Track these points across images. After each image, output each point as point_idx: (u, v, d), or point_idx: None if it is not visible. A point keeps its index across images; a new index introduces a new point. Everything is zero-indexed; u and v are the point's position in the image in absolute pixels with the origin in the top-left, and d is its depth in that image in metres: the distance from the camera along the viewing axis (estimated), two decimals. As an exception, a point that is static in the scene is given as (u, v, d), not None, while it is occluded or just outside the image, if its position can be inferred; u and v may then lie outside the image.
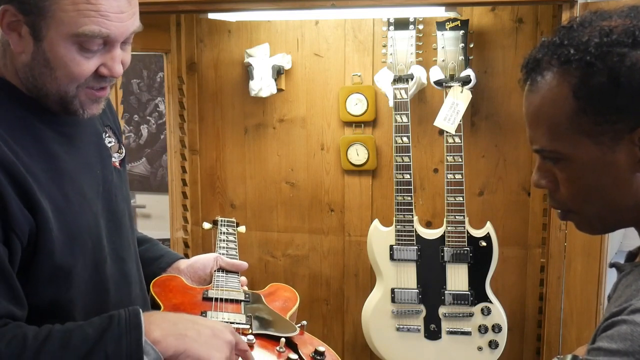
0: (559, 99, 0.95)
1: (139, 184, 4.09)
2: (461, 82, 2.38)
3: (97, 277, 1.27)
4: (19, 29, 1.14)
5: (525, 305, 2.69)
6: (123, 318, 1.10)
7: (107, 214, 1.31)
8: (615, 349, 0.87)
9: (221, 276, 1.58)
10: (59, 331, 1.10)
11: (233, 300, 1.47)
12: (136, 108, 4.04)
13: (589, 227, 1.05)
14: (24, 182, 1.12)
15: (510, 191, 2.64)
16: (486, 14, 2.56)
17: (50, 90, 1.18)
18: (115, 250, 1.33)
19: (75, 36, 1.12)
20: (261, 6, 2.24)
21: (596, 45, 0.92)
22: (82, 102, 1.20)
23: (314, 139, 2.80)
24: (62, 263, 1.18)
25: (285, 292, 1.63)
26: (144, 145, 4.07)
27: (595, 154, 0.95)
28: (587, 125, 0.94)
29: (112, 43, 1.17)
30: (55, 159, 1.21)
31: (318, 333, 2.88)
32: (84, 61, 1.15)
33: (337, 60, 2.72)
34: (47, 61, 1.15)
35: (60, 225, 1.17)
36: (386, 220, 2.57)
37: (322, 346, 1.34)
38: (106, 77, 1.20)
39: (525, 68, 1.01)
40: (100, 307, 1.28)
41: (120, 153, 1.40)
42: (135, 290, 1.40)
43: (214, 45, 2.85)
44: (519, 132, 2.59)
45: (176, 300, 1.44)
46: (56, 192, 1.18)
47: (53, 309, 1.20)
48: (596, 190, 0.98)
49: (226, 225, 2.03)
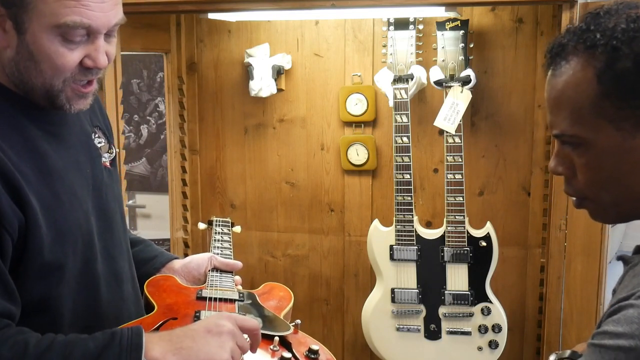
0: (582, 82, 0.95)
1: (139, 184, 4.08)
2: (461, 82, 2.38)
3: (87, 274, 1.27)
4: (3, 24, 1.15)
5: (525, 305, 2.69)
6: (125, 337, 1.11)
7: (97, 213, 1.32)
8: (621, 331, 0.87)
9: (215, 276, 1.58)
10: (60, 342, 1.10)
11: (227, 300, 1.47)
12: (136, 108, 4.03)
13: (604, 215, 1.05)
14: (12, 178, 1.12)
15: (510, 191, 2.65)
16: (486, 14, 2.56)
17: (36, 84, 1.18)
18: (106, 249, 1.33)
19: (57, 27, 1.13)
20: (261, 6, 2.24)
21: (623, 30, 0.93)
22: (69, 97, 1.20)
23: (314, 139, 2.80)
24: (52, 260, 1.18)
25: (279, 291, 1.63)
26: (144, 145, 4.07)
27: (615, 139, 0.95)
28: (609, 110, 0.94)
29: (95, 34, 1.17)
30: (44, 157, 1.21)
31: (318, 333, 2.89)
32: (67, 53, 1.15)
33: (337, 60, 2.73)
34: (31, 54, 1.15)
35: (50, 223, 1.17)
36: (386, 220, 2.58)
37: (316, 345, 1.34)
38: (92, 70, 1.19)
39: (549, 53, 1.02)
40: (90, 304, 1.29)
41: (111, 153, 1.41)
42: (127, 289, 1.40)
43: (214, 45, 2.85)
44: (519, 132, 2.59)
45: (170, 300, 1.44)
46: (45, 190, 1.18)
47: (42, 305, 1.20)
48: (614, 177, 0.98)
49: (221, 225, 2.03)
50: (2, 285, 1.12)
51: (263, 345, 1.28)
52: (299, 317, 1.50)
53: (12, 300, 1.13)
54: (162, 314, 1.39)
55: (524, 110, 2.57)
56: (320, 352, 1.32)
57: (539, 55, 2.53)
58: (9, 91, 1.21)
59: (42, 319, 1.20)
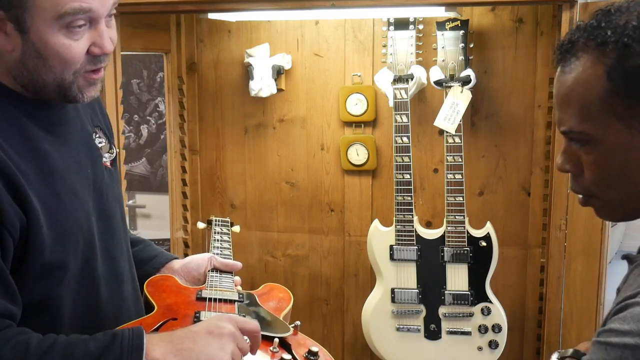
0: (592, 79, 0.95)
1: (139, 184, 4.08)
2: (461, 82, 2.38)
3: (87, 274, 1.28)
4: (4, 28, 1.15)
5: (525, 305, 2.69)
6: (126, 338, 1.11)
7: (98, 213, 1.32)
8: (627, 329, 0.87)
9: (215, 276, 1.58)
10: (62, 343, 1.10)
11: (226, 300, 1.46)
12: (136, 108, 4.03)
13: (610, 213, 1.05)
14: (13, 178, 1.12)
15: (510, 191, 2.64)
16: (486, 14, 2.56)
17: (47, 81, 1.18)
18: (107, 249, 1.33)
19: (60, 18, 1.13)
20: (261, 6, 2.24)
21: (634, 28, 0.93)
22: (80, 86, 1.21)
23: (314, 139, 2.80)
24: (53, 260, 1.18)
25: (279, 292, 1.62)
26: (144, 145, 4.07)
27: (624, 137, 0.95)
28: (618, 108, 0.94)
29: (97, 19, 1.17)
30: (45, 158, 1.21)
31: (318, 333, 2.89)
32: (73, 44, 1.16)
33: (337, 60, 2.73)
34: (37, 52, 1.15)
35: (51, 223, 1.17)
36: (386, 220, 2.57)
37: (316, 346, 1.34)
38: (99, 57, 1.20)
39: (559, 49, 1.01)
40: (90, 304, 1.29)
41: (111, 153, 1.41)
42: (127, 289, 1.40)
43: (214, 45, 2.85)
44: (519, 132, 2.59)
45: (170, 301, 1.44)
46: (46, 190, 1.18)
47: (43, 305, 1.20)
48: (621, 175, 0.98)
49: (221, 225, 2.02)
50: (3, 285, 1.12)
51: (263, 346, 1.28)
52: (299, 317, 1.50)
53: (13, 300, 1.13)
54: (161, 314, 1.38)
55: (524, 110, 2.57)
56: (320, 353, 1.32)
57: (539, 55, 2.53)
58: (10, 91, 1.21)
59: (42, 319, 1.20)
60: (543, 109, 2.54)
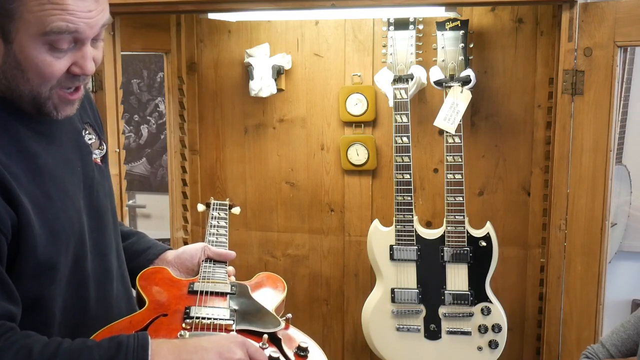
0: None
1: (139, 184, 4.09)
2: (461, 82, 2.38)
3: (77, 272, 1.27)
4: None
5: (525, 305, 2.69)
6: (131, 347, 1.10)
7: (89, 210, 1.32)
8: None
9: (208, 267, 1.57)
10: (65, 350, 1.09)
11: (218, 293, 1.45)
12: (136, 108, 4.04)
13: None
14: (2, 179, 1.12)
15: (510, 191, 2.65)
16: (486, 14, 2.56)
17: (24, 92, 1.18)
18: (97, 246, 1.33)
19: (44, 35, 1.12)
20: (261, 6, 2.24)
21: None
22: (55, 104, 1.21)
23: (314, 139, 2.80)
24: (46, 259, 1.18)
25: (272, 281, 1.60)
26: (144, 145, 4.07)
27: None
28: None
29: (82, 40, 1.16)
30: (34, 158, 1.21)
31: (318, 333, 2.89)
32: (54, 61, 1.15)
33: (337, 60, 2.73)
34: (18, 63, 1.15)
35: (42, 222, 1.17)
36: (386, 220, 2.57)
37: (306, 342, 1.31)
38: (78, 76, 1.19)
39: None
40: (79, 302, 1.29)
41: (102, 149, 1.40)
42: (117, 286, 1.40)
43: (214, 45, 2.85)
44: (519, 132, 2.59)
45: (161, 295, 1.43)
46: (36, 191, 1.18)
47: (34, 305, 1.20)
48: None
49: (218, 209, 1.98)
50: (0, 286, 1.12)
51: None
52: (299, 317, 1.50)
53: (12, 300, 1.13)
54: (152, 310, 1.37)
55: (524, 110, 2.57)
56: (310, 349, 1.30)
57: (539, 55, 2.53)
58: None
59: (34, 318, 1.19)
60: (543, 109, 2.54)
